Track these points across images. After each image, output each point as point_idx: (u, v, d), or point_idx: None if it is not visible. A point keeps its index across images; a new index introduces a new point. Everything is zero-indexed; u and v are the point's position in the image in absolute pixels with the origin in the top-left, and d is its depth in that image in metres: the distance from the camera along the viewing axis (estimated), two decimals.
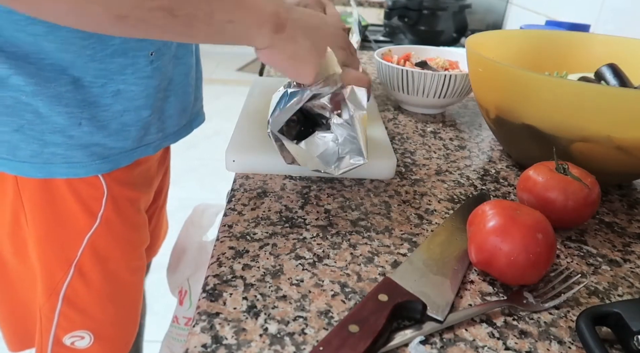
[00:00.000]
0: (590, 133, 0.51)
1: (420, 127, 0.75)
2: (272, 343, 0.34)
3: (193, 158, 2.56)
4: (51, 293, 0.62)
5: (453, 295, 0.39)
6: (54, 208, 0.59)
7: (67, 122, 0.54)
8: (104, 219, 0.61)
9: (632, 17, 0.95)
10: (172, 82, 0.64)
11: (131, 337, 0.74)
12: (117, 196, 0.62)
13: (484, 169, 0.63)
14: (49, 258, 0.61)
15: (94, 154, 0.57)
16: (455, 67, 0.83)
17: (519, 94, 0.55)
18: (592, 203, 0.47)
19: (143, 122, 0.60)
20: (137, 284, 0.72)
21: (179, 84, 0.65)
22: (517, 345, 0.36)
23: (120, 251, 0.66)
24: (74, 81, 0.53)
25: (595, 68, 0.67)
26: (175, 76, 0.64)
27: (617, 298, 0.41)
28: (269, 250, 0.44)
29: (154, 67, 0.58)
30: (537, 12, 1.33)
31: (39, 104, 0.52)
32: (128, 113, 0.58)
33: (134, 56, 0.56)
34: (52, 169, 0.56)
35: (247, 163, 0.57)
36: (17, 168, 0.55)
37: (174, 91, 0.65)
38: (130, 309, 0.72)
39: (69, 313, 0.64)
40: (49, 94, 0.52)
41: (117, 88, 0.56)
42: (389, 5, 1.45)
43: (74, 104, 0.54)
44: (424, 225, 0.50)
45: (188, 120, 0.71)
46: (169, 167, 0.84)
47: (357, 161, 0.49)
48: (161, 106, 0.63)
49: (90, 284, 0.64)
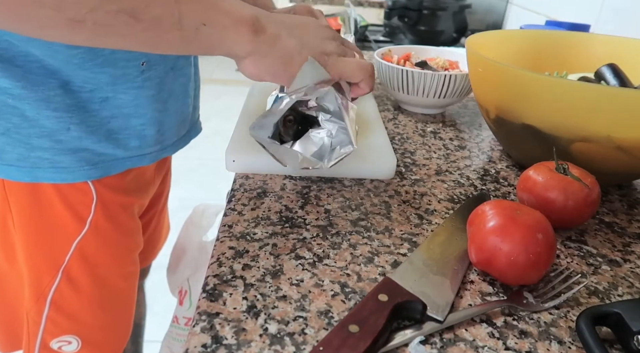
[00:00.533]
0: (590, 132, 0.51)
1: (420, 127, 0.75)
2: (272, 343, 0.34)
3: (193, 158, 2.56)
4: (38, 297, 0.62)
5: (453, 295, 0.39)
6: (42, 212, 0.58)
7: (56, 126, 0.53)
8: (93, 225, 0.61)
9: (632, 17, 0.95)
10: (173, 94, 0.63)
11: (121, 342, 0.73)
12: (108, 202, 0.61)
13: (484, 169, 0.63)
14: (37, 262, 0.61)
15: (82, 159, 0.56)
16: (455, 67, 0.83)
17: (519, 94, 0.55)
18: (592, 203, 0.47)
19: (133, 130, 0.59)
20: (129, 289, 0.71)
21: (178, 95, 0.64)
22: (517, 345, 0.36)
23: (111, 257, 0.65)
24: (62, 85, 0.52)
25: (595, 68, 0.67)
26: (175, 88, 0.63)
27: (617, 298, 0.41)
28: (269, 250, 0.44)
29: (146, 77, 0.57)
30: (537, 12, 1.33)
31: (25, 108, 0.51)
32: (115, 120, 0.57)
33: (124, 66, 0.54)
34: (39, 173, 0.55)
35: (247, 163, 0.57)
36: (3, 171, 0.54)
37: (174, 103, 0.64)
38: (121, 314, 0.71)
39: (56, 318, 0.63)
40: (37, 98, 0.51)
41: (105, 95, 0.55)
42: (389, 5, 1.45)
43: (63, 108, 0.53)
44: (424, 225, 0.50)
45: (187, 131, 0.70)
46: (169, 171, 0.84)
47: (346, 149, 0.48)
48: (160, 118, 0.61)
49: (79, 289, 0.63)
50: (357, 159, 0.57)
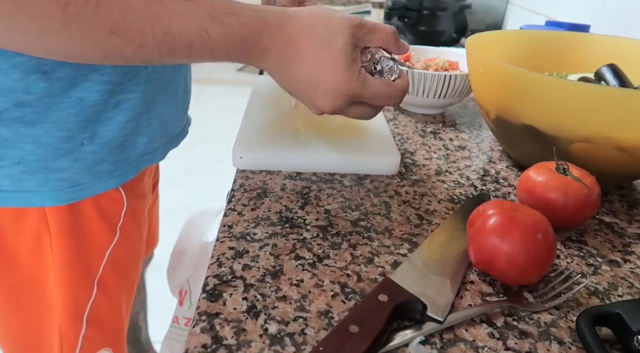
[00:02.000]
0: (590, 133, 0.51)
1: (420, 127, 0.75)
2: (272, 343, 0.34)
3: (193, 158, 2.56)
4: (76, 317, 0.60)
5: (453, 295, 0.39)
6: (80, 228, 0.57)
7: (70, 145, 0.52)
8: (122, 232, 0.61)
9: (632, 17, 0.95)
10: (172, 82, 0.62)
11: None
12: (135, 207, 0.62)
13: (484, 170, 0.63)
14: (73, 281, 0.59)
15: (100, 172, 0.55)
16: (455, 67, 0.83)
17: (519, 94, 0.55)
18: (592, 203, 0.47)
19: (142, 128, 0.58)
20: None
21: (178, 84, 0.64)
22: (517, 345, 0.36)
23: (135, 261, 0.66)
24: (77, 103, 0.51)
25: (595, 68, 0.67)
26: (173, 77, 0.62)
27: (617, 299, 0.41)
28: (269, 250, 0.44)
29: (150, 70, 0.56)
30: (537, 12, 1.33)
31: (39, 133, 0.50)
32: (131, 123, 0.56)
33: None
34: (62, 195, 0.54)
35: (254, 159, 0.57)
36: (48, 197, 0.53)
37: (173, 93, 0.63)
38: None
39: (92, 335, 0.62)
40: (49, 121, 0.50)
41: (117, 99, 0.54)
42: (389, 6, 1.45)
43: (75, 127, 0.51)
44: (424, 225, 0.50)
45: (185, 121, 0.70)
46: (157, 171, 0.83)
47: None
48: (162, 109, 0.61)
49: (111, 298, 0.63)
50: (361, 156, 0.58)
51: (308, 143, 0.60)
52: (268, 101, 0.72)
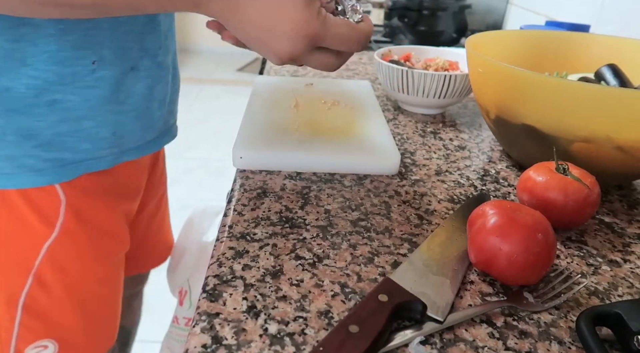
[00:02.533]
0: (590, 132, 0.51)
1: (420, 127, 0.75)
2: (272, 343, 0.34)
3: (193, 158, 2.56)
4: (9, 302, 0.61)
5: (453, 295, 0.39)
6: (12, 217, 0.57)
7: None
8: (63, 230, 0.59)
9: (632, 18, 0.95)
10: (133, 95, 0.60)
11: (104, 347, 0.71)
12: (81, 206, 0.60)
13: (484, 170, 0.63)
14: (6, 267, 0.60)
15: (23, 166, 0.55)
16: (455, 67, 0.83)
17: (519, 94, 0.55)
18: (592, 203, 0.47)
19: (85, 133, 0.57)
20: (110, 296, 0.69)
21: (141, 97, 0.61)
22: (517, 345, 0.36)
23: (85, 262, 0.64)
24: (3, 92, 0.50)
25: (595, 68, 0.67)
26: (137, 90, 0.60)
27: (617, 299, 0.41)
28: (269, 250, 0.44)
29: (97, 77, 0.55)
30: (537, 12, 1.33)
31: None
32: (65, 123, 0.55)
33: (72, 64, 0.52)
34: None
35: (254, 158, 0.57)
36: None
37: (134, 105, 0.60)
38: (102, 319, 0.70)
39: (29, 323, 0.62)
40: None
41: (53, 98, 0.53)
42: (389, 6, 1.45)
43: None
44: (424, 225, 0.50)
45: (157, 135, 0.68)
46: (163, 174, 0.82)
47: None
48: (116, 120, 0.59)
49: (52, 293, 0.62)
50: (362, 156, 0.58)
51: (308, 143, 0.60)
52: (268, 101, 0.72)
